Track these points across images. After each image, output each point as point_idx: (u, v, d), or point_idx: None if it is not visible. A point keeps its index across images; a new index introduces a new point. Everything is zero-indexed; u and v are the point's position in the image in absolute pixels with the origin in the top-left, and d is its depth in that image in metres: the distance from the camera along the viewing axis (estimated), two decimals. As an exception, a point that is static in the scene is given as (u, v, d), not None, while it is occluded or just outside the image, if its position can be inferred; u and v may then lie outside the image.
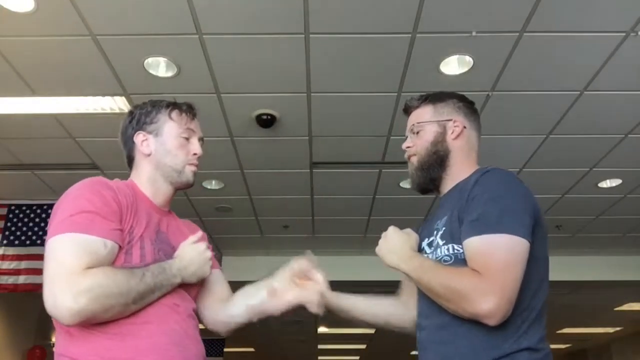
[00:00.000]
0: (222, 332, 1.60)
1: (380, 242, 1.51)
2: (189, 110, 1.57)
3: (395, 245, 1.47)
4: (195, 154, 1.54)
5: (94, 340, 1.26)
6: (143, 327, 1.29)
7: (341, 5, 2.80)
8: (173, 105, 1.55)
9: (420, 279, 1.37)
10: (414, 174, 1.56)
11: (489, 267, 1.25)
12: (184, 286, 1.42)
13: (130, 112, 1.57)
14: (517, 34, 2.99)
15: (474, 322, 1.28)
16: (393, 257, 1.46)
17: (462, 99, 1.59)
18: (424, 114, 1.56)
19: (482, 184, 1.37)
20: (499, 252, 1.26)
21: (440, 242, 1.43)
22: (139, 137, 1.52)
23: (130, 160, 1.56)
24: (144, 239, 1.38)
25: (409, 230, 1.55)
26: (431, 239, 1.49)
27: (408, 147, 1.58)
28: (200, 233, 1.53)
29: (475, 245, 1.29)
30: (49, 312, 1.21)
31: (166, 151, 1.51)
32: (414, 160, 1.56)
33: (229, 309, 1.57)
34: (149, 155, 1.51)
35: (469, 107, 1.58)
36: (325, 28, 2.97)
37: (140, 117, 1.54)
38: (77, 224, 1.26)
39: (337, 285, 1.61)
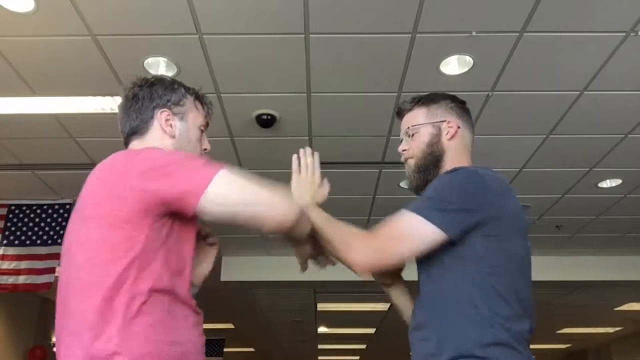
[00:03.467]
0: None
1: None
2: (210, 105, 1.56)
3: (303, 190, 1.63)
4: (205, 149, 1.53)
5: (132, 333, 1.18)
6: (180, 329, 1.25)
7: (341, 5, 2.80)
8: (197, 95, 1.52)
9: (322, 227, 1.49)
10: (411, 176, 1.59)
11: (380, 229, 1.39)
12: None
13: (152, 83, 1.46)
14: (517, 34, 2.99)
15: (438, 322, 1.35)
16: (305, 198, 1.60)
17: (454, 99, 1.62)
18: (417, 117, 1.59)
19: (435, 181, 1.45)
20: (396, 222, 1.38)
21: None
22: (163, 115, 1.43)
23: (135, 131, 1.44)
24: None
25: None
26: None
27: (404, 150, 1.60)
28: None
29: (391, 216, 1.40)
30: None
31: (188, 139, 1.46)
32: (411, 162, 1.59)
33: None
34: (172, 137, 1.44)
35: (461, 107, 1.61)
36: (325, 28, 2.97)
37: (165, 92, 1.45)
38: None
39: (338, 285, 1.62)
